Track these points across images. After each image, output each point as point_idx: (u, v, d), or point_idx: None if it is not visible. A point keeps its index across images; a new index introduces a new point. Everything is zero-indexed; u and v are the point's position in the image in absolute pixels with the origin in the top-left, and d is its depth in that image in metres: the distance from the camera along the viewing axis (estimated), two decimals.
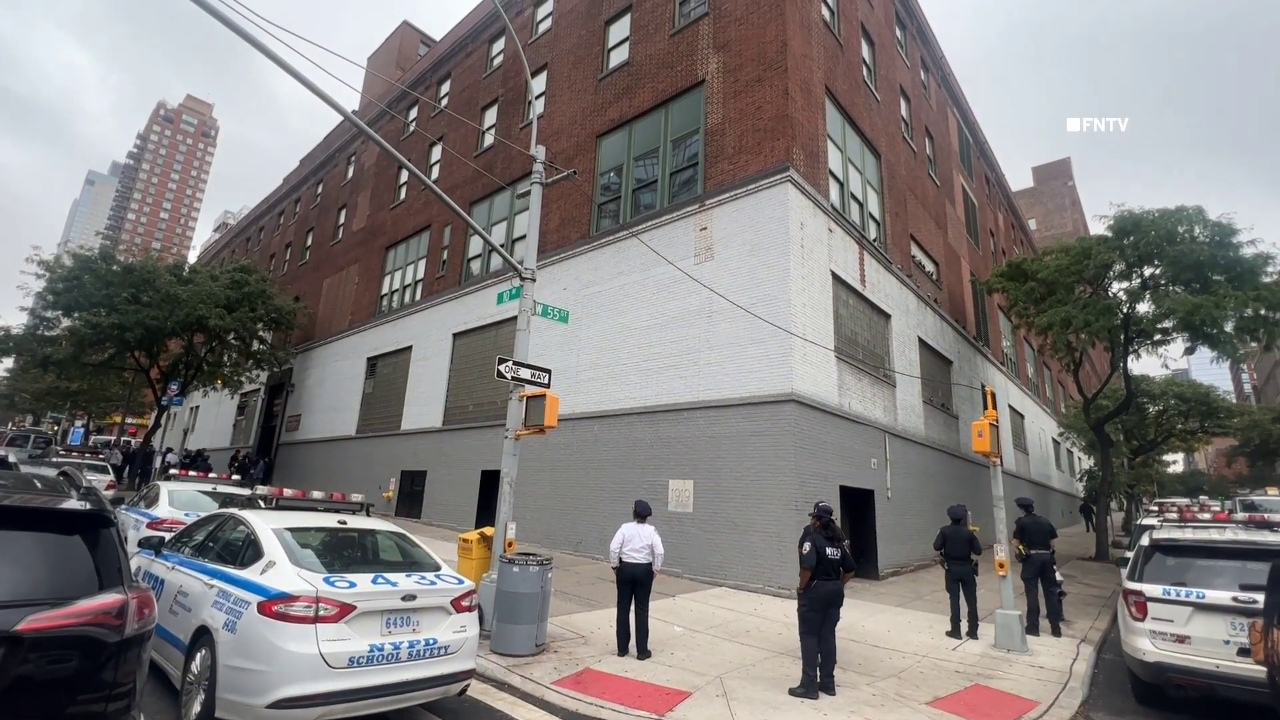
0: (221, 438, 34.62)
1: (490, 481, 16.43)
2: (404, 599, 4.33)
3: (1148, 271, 16.22)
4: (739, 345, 12.01)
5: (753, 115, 13.07)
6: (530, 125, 19.18)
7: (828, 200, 13.51)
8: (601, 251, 15.36)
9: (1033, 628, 8.62)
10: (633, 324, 14.11)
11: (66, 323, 23.36)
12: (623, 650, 6.61)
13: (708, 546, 11.44)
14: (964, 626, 8.28)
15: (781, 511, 10.62)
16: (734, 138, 13.32)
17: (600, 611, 8.53)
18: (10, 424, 60.70)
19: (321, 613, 3.96)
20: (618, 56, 16.86)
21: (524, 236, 17.63)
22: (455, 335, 19.36)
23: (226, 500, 9.58)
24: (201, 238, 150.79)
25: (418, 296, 21.98)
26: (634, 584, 6.70)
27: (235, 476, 11.62)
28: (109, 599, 2.68)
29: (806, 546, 5.99)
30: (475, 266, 19.88)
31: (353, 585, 4.20)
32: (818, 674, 5.75)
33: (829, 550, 6.00)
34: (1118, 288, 17.27)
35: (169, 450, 28.99)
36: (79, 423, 44.57)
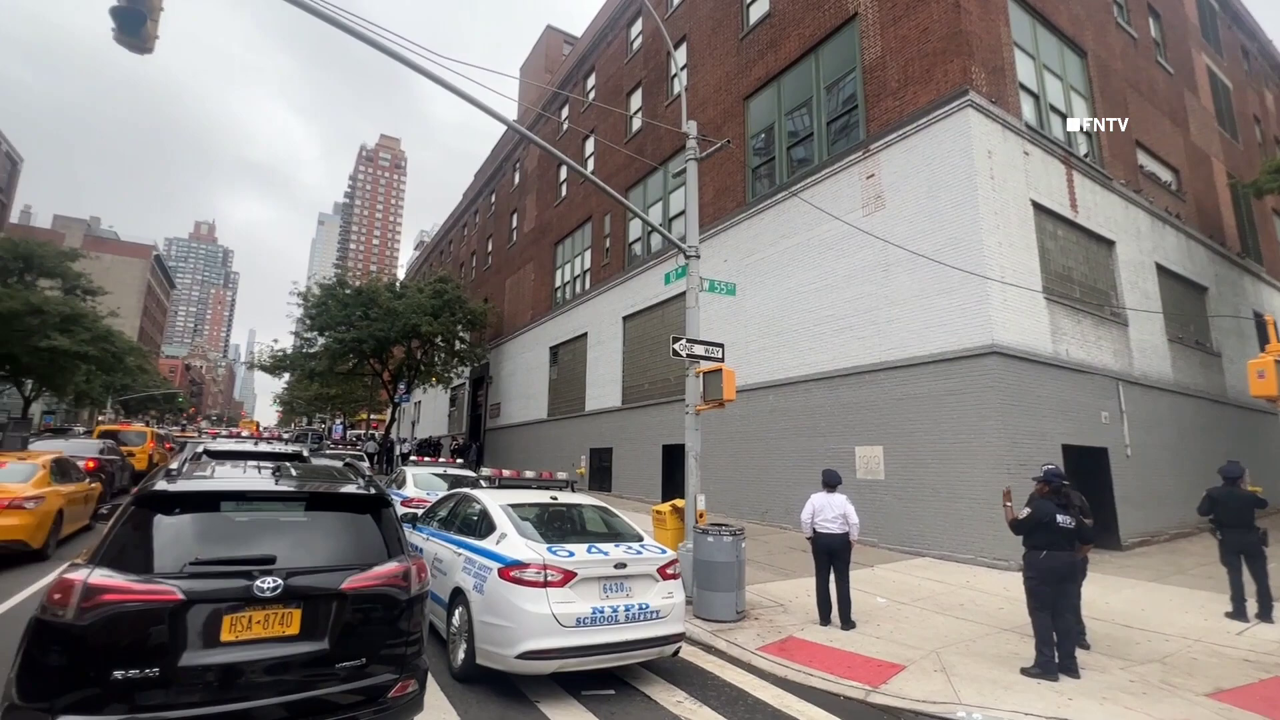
0: (440, 427, 40.16)
1: (671, 455, 17.06)
2: (616, 567, 4.72)
3: None
4: (924, 297, 10.99)
5: (917, 40, 11.71)
6: (676, 100, 19.19)
7: (1020, 119, 11.70)
8: (761, 218, 14.97)
9: None
10: (801, 288, 13.59)
11: (322, 341, 28.64)
12: (825, 620, 6.53)
13: (904, 515, 10.77)
14: (1250, 607, 6.86)
15: (990, 475, 9.61)
16: (897, 70, 12.06)
17: (795, 581, 8.50)
18: (292, 424, 76.50)
19: (549, 578, 4.47)
20: (758, 10, 16.10)
21: (682, 213, 17.82)
22: (625, 318, 20.24)
23: (455, 481, 11.11)
24: (405, 257, 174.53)
25: (587, 285, 23.31)
26: (830, 554, 6.57)
27: (459, 460, 13.42)
28: (397, 565, 3.29)
29: (1025, 511, 5.40)
30: (637, 249, 20.53)
31: (571, 554, 4.67)
32: (1055, 653, 5.17)
33: (1060, 518, 5.32)
34: None
35: (404, 440, 34.36)
36: (338, 421, 54.61)
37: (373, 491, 3.56)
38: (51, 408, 50.85)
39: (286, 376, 37.39)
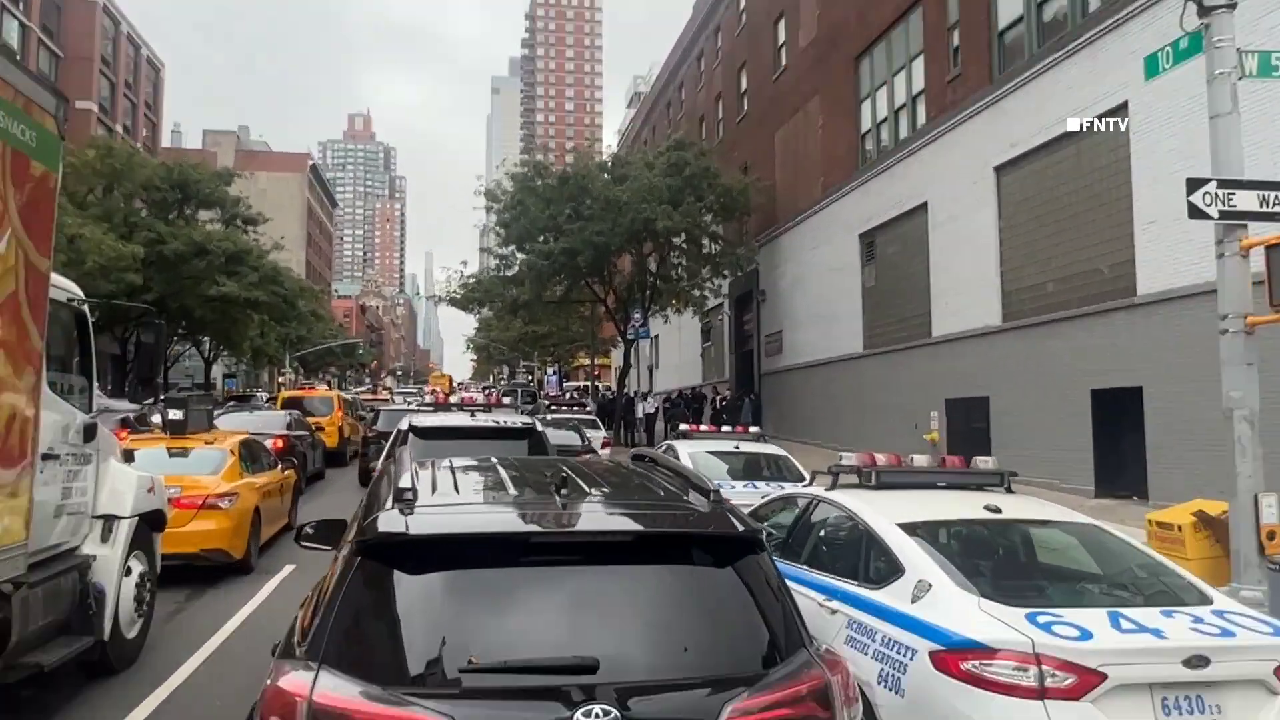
0: (690, 373, 41.77)
1: (1112, 407, 14.97)
2: (1189, 664, 3.59)
3: None
4: None
5: None
6: None
7: None
8: None
9: None
10: None
11: (522, 257, 31.23)
12: None
13: None
14: None
15: None
16: None
17: None
18: (490, 377, 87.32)
19: (1049, 683, 3.55)
20: None
21: None
22: (998, 169, 18.17)
23: (751, 464, 10.76)
24: (613, 120, 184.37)
25: (919, 121, 21.44)
26: None
27: (754, 429, 13.19)
28: (809, 679, 2.60)
29: None
30: (1013, 36, 17.88)
31: (1088, 634, 3.67)
32: None
33: None
34: None
35: (645, 394, 36.34)
36: (550, 369, 60.59)
37: (742, 528, 2.93)
38: (232, 370, 65.16)
39: (484, 311, 41.99)
